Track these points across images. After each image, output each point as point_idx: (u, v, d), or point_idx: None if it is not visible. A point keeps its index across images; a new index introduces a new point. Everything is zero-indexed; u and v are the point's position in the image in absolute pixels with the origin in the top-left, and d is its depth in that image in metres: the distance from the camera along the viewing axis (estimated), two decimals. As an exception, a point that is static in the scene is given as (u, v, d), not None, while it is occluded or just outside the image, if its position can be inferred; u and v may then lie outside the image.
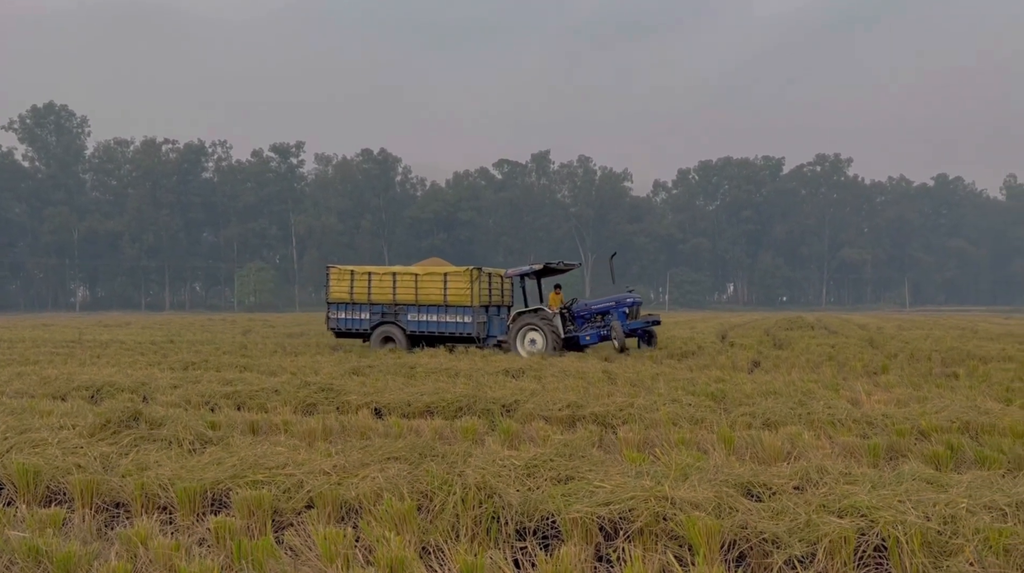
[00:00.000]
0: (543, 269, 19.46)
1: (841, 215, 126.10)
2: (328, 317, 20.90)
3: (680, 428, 8.05)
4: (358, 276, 20.53)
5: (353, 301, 20.44)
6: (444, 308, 19.57)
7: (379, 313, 20.17)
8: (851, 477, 5.18)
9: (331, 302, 20.77)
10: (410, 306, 19.86)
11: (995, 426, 7.88)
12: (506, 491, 4.91)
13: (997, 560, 3.91)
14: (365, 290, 20.36)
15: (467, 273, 19.49)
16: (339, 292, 20.69)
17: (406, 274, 20.14)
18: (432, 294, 19.71)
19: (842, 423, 8.22)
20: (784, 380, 11.85)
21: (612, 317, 18.84)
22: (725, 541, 4.34)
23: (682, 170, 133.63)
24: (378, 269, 20.73)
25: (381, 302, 20.18)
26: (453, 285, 19.55)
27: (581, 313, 19.15)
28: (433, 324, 19.76)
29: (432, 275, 19.84)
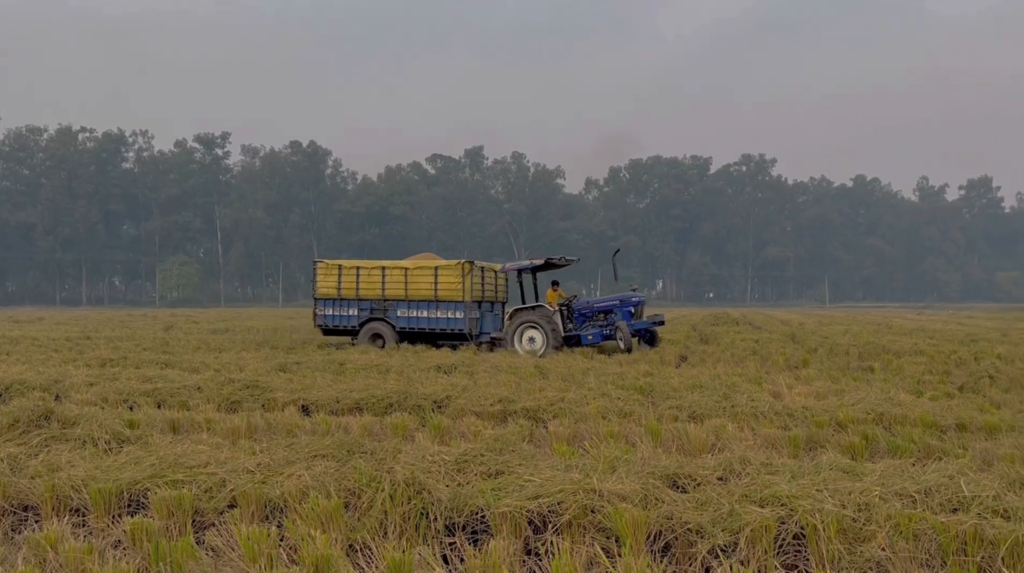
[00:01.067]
0: (544, 264, 18.63)
1: (765, 214, 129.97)
2: (315, 314, 20.16)
3: (609, 421, 8.14)
4: (346, 270, 19.80)
5: (341, 297, 19.71)
6: (435, 303, 18.85)
7: (368, 309, 19.44)
8: (772, 468, 5.34)
9: (318, 298, 20.04)
10: (399, 301, 19.17)
11: (907, 417, 8.23)
12: (436, 487, 4.87)
13: (907, 545, 4.08)
14: (353, 285, 19.62)
15: (458, 267, 18.74)
16: (326, 287, 19.92)
17: (395, 268, 19.39)
18: (422, 289, 19.01)
19: (764, 415, 8.45)
20: (710, 374, 12.12)
21: (617, 316, 18.15)
22: (651, 532, 4.40)
23: (614, 168, 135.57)
24: (367, 263, 19.97)
25: (370, 297, 19.46)
26: (444, 279, 18.81)
27: (583, 311, 18.48)
28: (423, 320, 18.99)
29: (422, 269, 19.11)
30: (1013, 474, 5.20)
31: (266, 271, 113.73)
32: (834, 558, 4.12)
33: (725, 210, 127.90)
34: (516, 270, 19.10)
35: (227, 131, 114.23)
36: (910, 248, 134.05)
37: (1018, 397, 9.94)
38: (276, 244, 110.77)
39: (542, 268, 18.96)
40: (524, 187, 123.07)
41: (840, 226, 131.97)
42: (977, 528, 4.03)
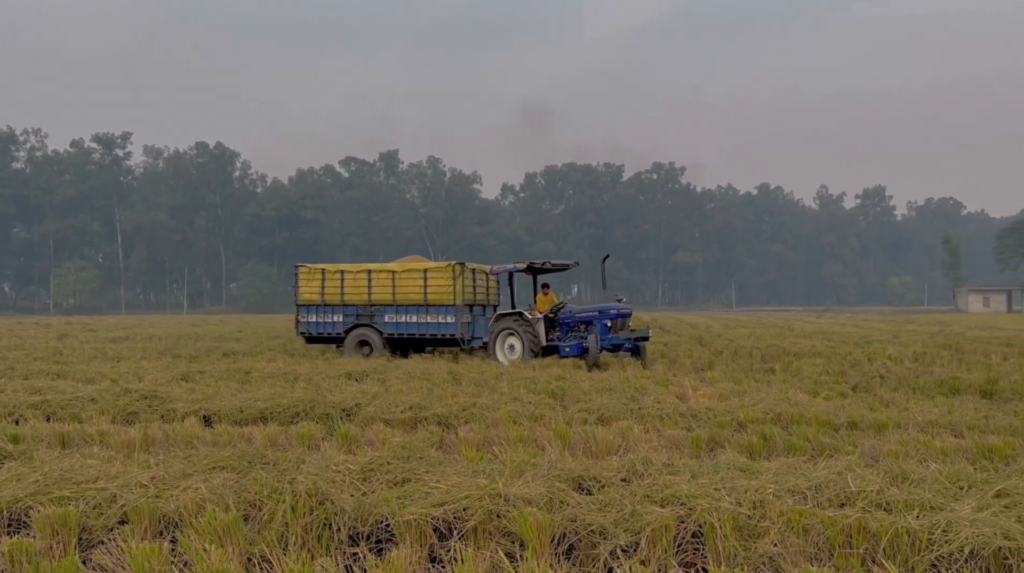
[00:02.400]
0: (526, 268, 17.60)
1: (675, 221, 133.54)
2: (297, 321, 19.24)
3: (520, 426, 8.18)
4: (329, 275, 18.91)
5: (324, 303, 18.80)
6: (424, 308, 18.00)
7: (353, 315, 18.56)
8: (673, 468, 5.47)
9: (300, 305, 19.12)
10: (387, 306, 18.27)
11: (803, 416, 8.60)
12: (339, 497, 4.79)
13: (798, 539, 4.25)
14: (337, 290, 18.73)
15: (449, 269, 17.93)
16: (309, 293, 19.00)
17: (382, 272, 18.55)
18: (411, 293, 18.12)
19: (670, 417, 8.67)
20: (619, 377, 12.35)
21: (592, 329, 16.88)
22: (556, 535, 4.44)
23: (529, 174, 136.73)
24: (351, 267, 19.15)
25: (355, 303, 18.55)
26: (434, 282, 17.97)
27: (566, 320, 17.31)
28: (413, 325, 18.13)
29: (411, 272, 18.27)
30: (896, 469, 5.49)
31: (170, 276, 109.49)
32: (730, 555, 4.25)
33: (637, 216, 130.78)
34: (504, 272, 18.21)
35: (128, 131, 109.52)
36: (811, 254, 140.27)
37: (904, 396, 10.51)
38: (181, 248, 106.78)
39: (534, 272, 18.07)
40: (440, 192, 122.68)
41: (745, 233, 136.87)
42: (861, 521, 4.23)
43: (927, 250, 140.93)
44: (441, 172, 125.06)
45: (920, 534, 4.10)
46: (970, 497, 4.60)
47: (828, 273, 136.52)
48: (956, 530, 4.10)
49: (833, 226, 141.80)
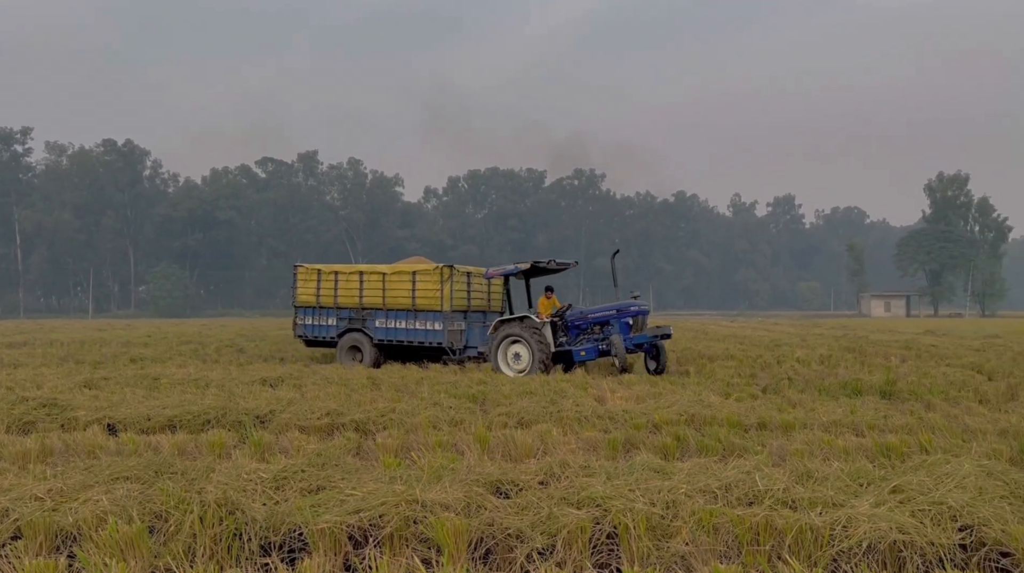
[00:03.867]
0: (530, 269, 16.28)
1: (596, 226, 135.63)
2: (295, 323, 18.58)
3: (440, 431, 8.14)
4: (324, 276, 18.14)
5: (320, 305, 18.11)
6: (413, 313, 17.04)
7: (346, 319, 17.80)
8: (590, 470, 5.55)
9: (298, 306, 18.47)
10: (378, 310, 17.43)
11: (715, 418, 8.84)
12: (251, 506, 4.65)
13: (708, 538, 4.36)
14: (331, 292, 17.98)
15: (437, 272, 16.89)
16: (306, 295, 18.32)
17: (373, 273, 17.71)
18: (400, 297, 17.20)
19: (588, 420, 8.78)
20: (540, 381, 12.43)
21: (613, 328, 15.69)
22: (473, 539, 4.43)
23: (452, 178, 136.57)
24: (345, 268, 18.34)
25: (348, 306, 17.79)
26: (422, 286, 16.98)
27: (576, 322, 16.09)
28: (402, 332, 17.19)
29: (400, 275, 17.35)
30: (802, 468, 5.70)
31: (74, 279, 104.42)
32: (643, 555, 4.33)
33: (559, 222, 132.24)
34: (501, 275, 16.69)
35: (28, 126, 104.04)
36: (725, 260, 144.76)
37: (811, 397, 10.94)
38: (86, 250, 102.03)
39: (530, 273, 16.76)
40: (361, 194, 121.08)
41: (663, 239, 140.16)
42: (768, 519, 4.38)
43: (833, 257, 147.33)
44: (362, 174, 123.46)
45: (822, 530, 4.27)
46: (869, 494, 4.82)
47: (741, 278, 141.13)
48: (855, 525, 4.28)
49: (746, 233, 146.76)
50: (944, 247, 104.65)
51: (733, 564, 4.01)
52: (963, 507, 4.46)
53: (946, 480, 4.89)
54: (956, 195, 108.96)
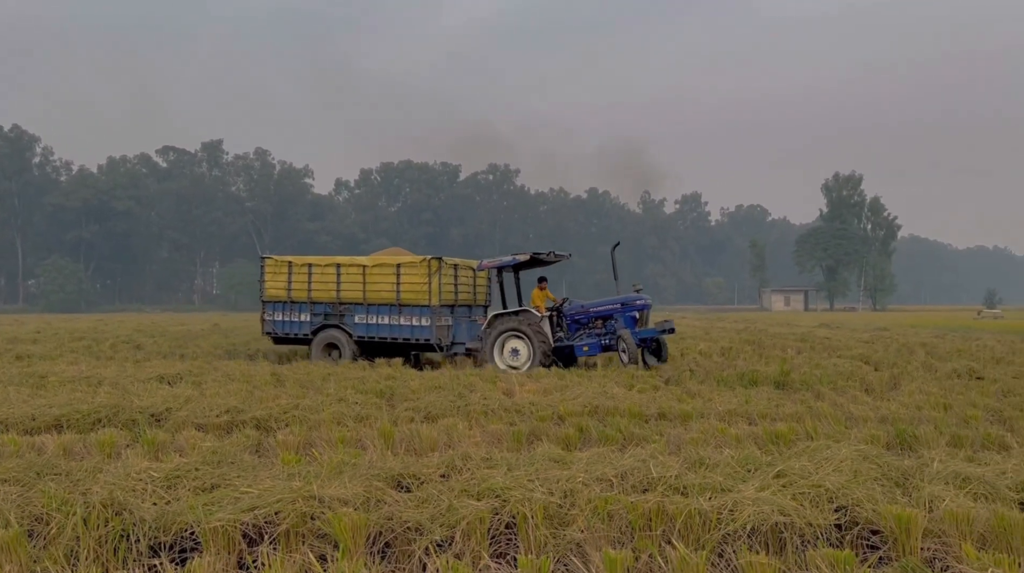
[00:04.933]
0: (530, 260, 15.63)
1: (510, 221, 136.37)
2: (263, 319, 17.40)
3: (345, 427, 8.05)
4: (296, 269, 17.03)
5: (291, 299, 16.98)
6: (397, 308, 16.15)
7: (321, 314, 16.78)
8: (492, 462, 5.60)
9: (266, 301, 17.28)
10: (357, 305, 16.48)
11: (618, 408, 9.07)
12: (140, 506, 4.50)
13: (603, 525, 4.48)
14: (305, 286, 16.92)
15: (424, 264, 16.04)
16: (275, 288, 17.15)
17: (352, 266, 16.70)
18: (383, 290, 16.28)
19: (495, 413, 8.86)
20: (450, 375, 12.45)
21: (618, 323, 15.26)
22: (371, 533, 4.42)
23: (364, 170, 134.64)
24: (320, 260, 17.20)
25: (323, 301, 16.76)
26: (407, 279, 16.09)
27: (576, 317, 15.64)
28: (384, 327, 16.25)
29: (382, 267, 16.42)
30: (695, 455, 5.92)
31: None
32: (541, 543, 4.41)
33: (473, 216, 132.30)
34: (496, 267, 16.01)
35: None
36: (635, 255, 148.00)
37: (710, 388, 11.34)
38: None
39: (527, 265, 16.09)
40: (269, 185, 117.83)
41: (576, 234, 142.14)
42: (660, 505, 4.54)
43: (737, 253, 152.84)
44: (270, 165, 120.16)
45: (710, 514, 4.45)
46: (755, 479, 5.05)
47: (651, 273, 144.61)
48: (741, 509, 4.49)
49: (655, 229, 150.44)
50: (839, 244, 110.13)
51: (625, 549, 4.13)
52: (839, 489, 4.73)
53: (825, 464, 5.18)
54: (850, 195, 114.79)
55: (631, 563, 3.95)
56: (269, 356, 17.81)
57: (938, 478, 5.12)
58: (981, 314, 60.69)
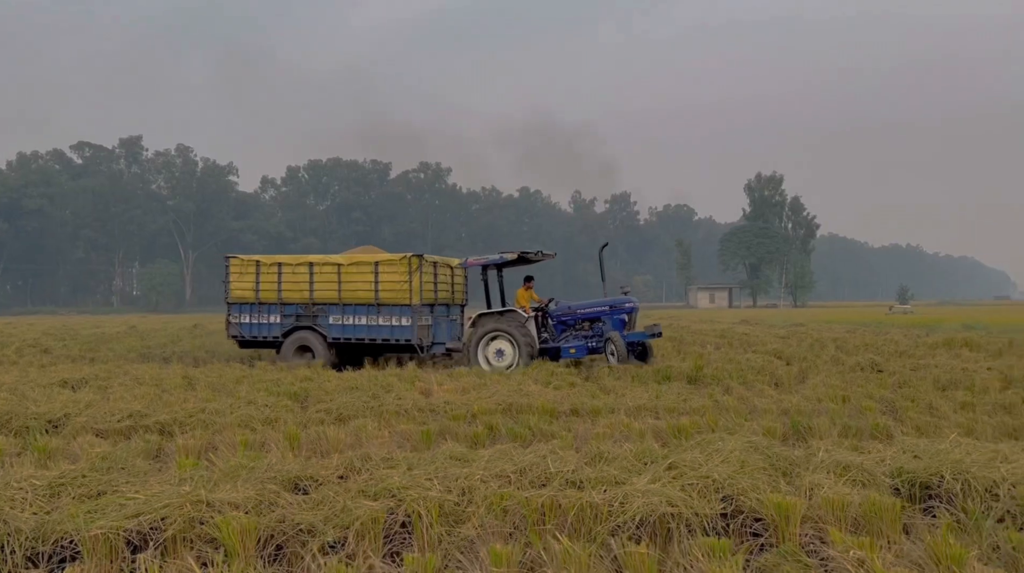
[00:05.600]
0: (517, 259, 15.33)
1: (442, 220, 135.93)
2: (228, 322, 16.56)
3: (253, 430, 7.91)
4: (265, 268, 16.28)
5: (259, 301, 16.25)
6: (375, 308, 15.65)
7: (292, 316, 16.13)
8: (392, 462, 5.60)
9: (232, 303, 16.48)
10: (332, 306, 15.89)
11: (531, 405, 9.16)
12: (17, 516, 4.34)
13: (497, 521, 4.54)
14: (274, 286, 16.17)
15: (404, 262, 15.55)
16: (241, 290, 16.38)
17: (326, 264, 16.05)
18: (360, 290, 15.73)
19: (408, 413, 8.84)
20: (368, 376, 12.35)
21: (605, 325, 15.17)
22: (262, 537, 4.36)
23: (291, 168, 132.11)
24: (290, 258, 16.47)
25: (295, 301, 16.10)
26: (386, 278, 15.59)
27: (563, 317, 15.49)
28: (362, 328, 15.72)
29: (359, 265, 15.85)
30: (596, 450, 6.04)
31: None
32: (435, 541, 4.44)
33: (405, 215, 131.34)
34: (481, 265, 15.71)
35: None
36: (567, 254, 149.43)
37: (624, 384, 11.56)
38: None
39: (512, 264, 15.77)
40: (191, 183, 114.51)
41: (508, 233, 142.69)
42: (554, 499, 4.61)
43: (665, 252, 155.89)
44: (192, 162, 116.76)
45: (601, 507, 4.55)
46: (648, 471, 5.18)
47: (582, 272, 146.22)
48: (631, 501, 4.60)
49: (585, 229, 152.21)
50: (762, 243, 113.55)
51: (514, 544, 4.19)
52: (726, 480, 4.90)
53: (715, 456, 5.35)
54: (772, 194, 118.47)
55: (518, 558, 4.01)
56: (184, 359, 17.34)
57: (821, 467, 5.35)
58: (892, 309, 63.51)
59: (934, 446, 5.84)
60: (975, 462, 5.24)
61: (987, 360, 14.67)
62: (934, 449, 5.70)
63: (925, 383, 11.17)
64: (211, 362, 16.16)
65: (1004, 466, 5.20)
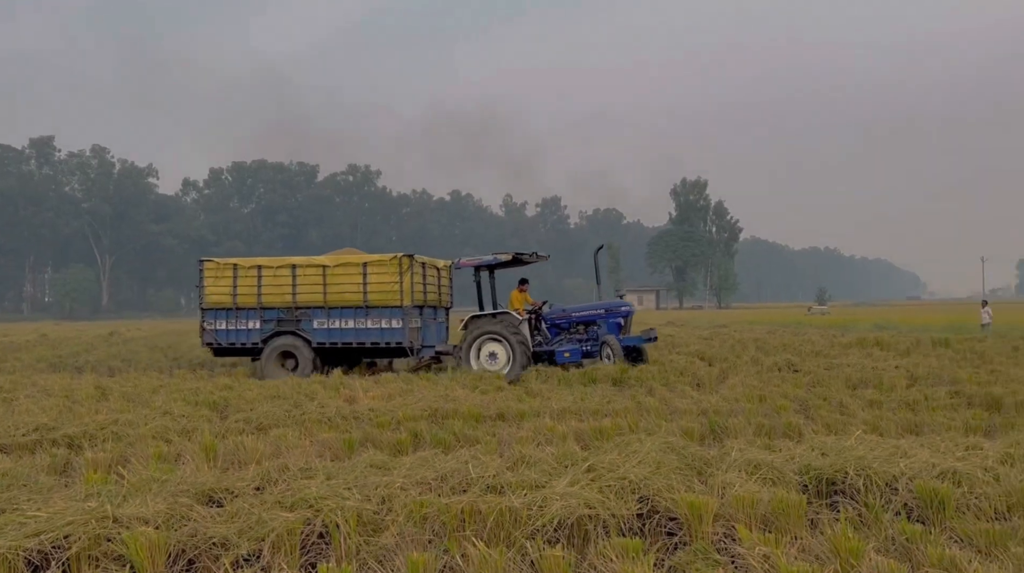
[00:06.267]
0: (511, 260, 15.21)
1: (372, 223, 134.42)
2: (203, 329, 15.59)
3: (168, 442, 7.67)
4: (243, 271, 15.44)
5: (237, 306, 15.40)
6: (364, 310, 15.00)
7: (273, 320, 15.33)
8: (310, 471, 5.52)
9: (207, 308, 15.56)
10: (317, 309, 15.18)
11: (457, 411, 9.16)
12: (-95, 540, 4.10)
13: (416, 529, 4.53)
14: (253, 290, 15.37)
15: (395, 262, 15.00)
16: (217, 294, 15.51)
17: (310, 266, 15.35)
18: (347, 292, 15.09)
19: (331, 421, 8.73)
20: (291, 384, 12.11)
21: (601, 329, 15.06)
22: (172, 552, 4.25)
23: (214, 170, 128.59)
24: (271, 261, 15.71)
25: (276, 305, 15.31)
26: (376, 279, 14.98)
27: (557, 321, 15.36)
28: (349, 332, 15.06)
29: (347, 266, 15.25)
30: (518, 454, 6.08)
31: None
32: (353, 551, 4.40)
33: (333, 218, 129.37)
34: (474, 266, 15.43)
35: None
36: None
37: (551, 387, 11.67)
38: None
39: (507, 265, 15.63)
40: (108, 185, 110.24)
41: (439, 237, 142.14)
42: (474, 505, 4.63)
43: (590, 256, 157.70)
44: (109, 163, 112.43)
45: (521, 511, 4.59)
46: (568, 474, 5.25)
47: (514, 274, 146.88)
48: (549, 504, 4.65)
49: (517, 232, 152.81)
50: (687, 246, 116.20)
51: (432, 551, 4.20)
52: (642, 480, 5.01)
53: (633, 457, 5.46)
54: (697, 199, 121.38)
55: (435, 565, 4.01)
56: (98, 368, 16.69)
57: (734, 466, 5.51)
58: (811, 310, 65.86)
59: (840, 443, 6.09)
60: (877, 458, 5.50)
61: (896, 359, 15.38)
62: (840, 446, 5.94)
63: (837, 382, 11.63)
64: (127, 371, 15.62)
65: (903, 461, 5.47)
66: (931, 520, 4.76)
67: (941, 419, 8.24)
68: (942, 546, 4.06)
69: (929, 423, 8.10)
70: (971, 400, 9.70)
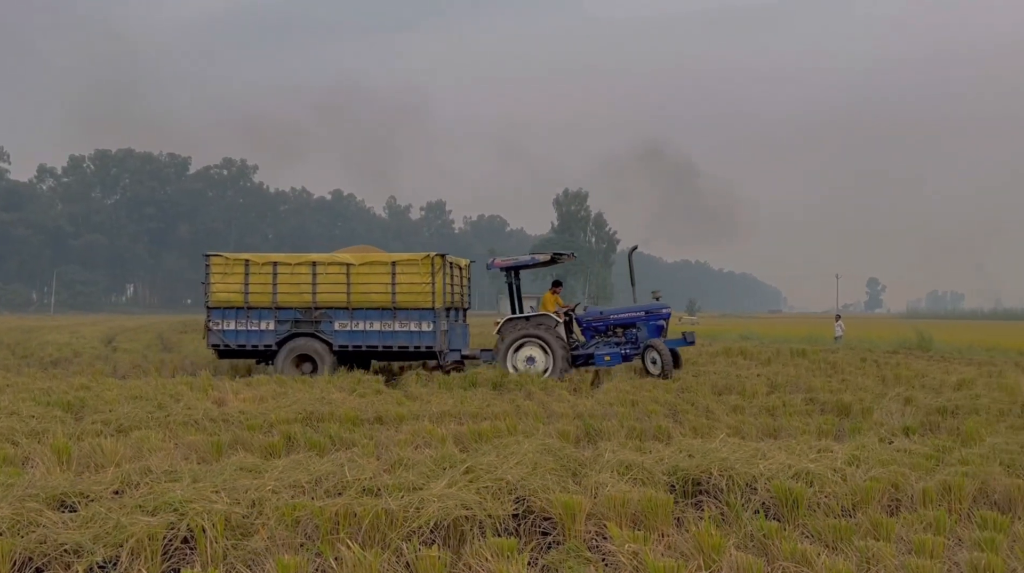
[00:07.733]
0: (550, 260, 14.63)
1: (247, 219, 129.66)
2: (208, 329, 14.43)
3: (15, 444, 7.11)
4: (256, 268, 14.38)
5: (249, 305, 14.32)
6: (391, 312, 14.12)
7: (289, 321, 14.32)
8: (175, 475, 5.27)
9: (213, 307, 14.41)
10: (339, 310, 14.20)
11: (333, 414, 8.97)
12: None
13: (288, 532, 4.41)
14: (268, 288, 14.36)
15: (427, 262, 14.19)
16: (226, 292, 14.42)
17: (333, 264, 14.34)
18: (374, 292, 14.19)
19: (198, 423, 8.35)
20: (155, 384, 11.52)
21: (641, 332, 14.47)
22: (18, 559, 3.96)
23: (75, 157, 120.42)
24: (288, 258, 14.64)
25: (293, 305, 14.30)
26: (405, 279, 14.16)
27: (594, 323, 14.72)
28: (374, 335, 14.17)
29: (373, 266, 14.28)
30: (396, 457, 6.04)
31: None
32: (220, 556, 4.23)
33: (205, 213, 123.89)
34: (510, 268, 14.72)
35: None
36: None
37: (430, 390, 11.63)
38: None
39: (544, 265, 15.01)
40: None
41: (319, 236, 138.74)
42: (348, 508, 4.56)
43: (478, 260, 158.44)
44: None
45: (397, 513, 4.56)
46: (446, 476, 5.26)
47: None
48: (427, 506, 4.64)
49: (400, 234, 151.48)
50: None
51: (304, 554, 4.10)
52: (519, 481, 5.09)
53: (510, 459, 5.54)
54: (578, 210, 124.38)
55: (307, 568, 3.92)
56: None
57: (607, 467, 5.69)
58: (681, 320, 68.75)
59: (706, 445, 6.40)
60: (739, 459, 5.81)
61: (758, 367, 16.28)
62: (706, 448, 6.24)
63: (704, 388, 12.19)
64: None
65: (762, 462, 5.81)
66: (786, 517, 5.07)
67: (797, 424, 8.79)
68: (795, 541, 4.34)
69: (786, 427, 8.62)
70: (824, 406, 10.40)
